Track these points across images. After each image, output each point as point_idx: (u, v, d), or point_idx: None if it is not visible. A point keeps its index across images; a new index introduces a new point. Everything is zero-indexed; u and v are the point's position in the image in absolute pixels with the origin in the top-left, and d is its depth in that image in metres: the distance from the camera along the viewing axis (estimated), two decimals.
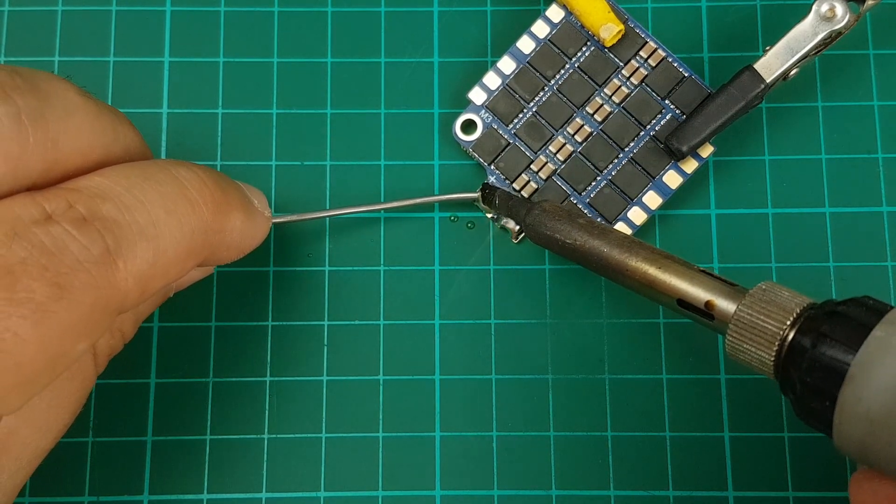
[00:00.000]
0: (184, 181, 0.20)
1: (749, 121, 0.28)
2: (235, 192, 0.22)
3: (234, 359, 0.27)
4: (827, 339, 0.19)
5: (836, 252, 0.28)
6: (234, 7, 0.29)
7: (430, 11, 0.29)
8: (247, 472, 0.27)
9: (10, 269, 0.16)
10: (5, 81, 0.18)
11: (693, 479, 0.27)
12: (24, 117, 0.18)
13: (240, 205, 0.22)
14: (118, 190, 0.19)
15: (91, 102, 0.20)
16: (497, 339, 0.27)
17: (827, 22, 0.26)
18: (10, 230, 0.17)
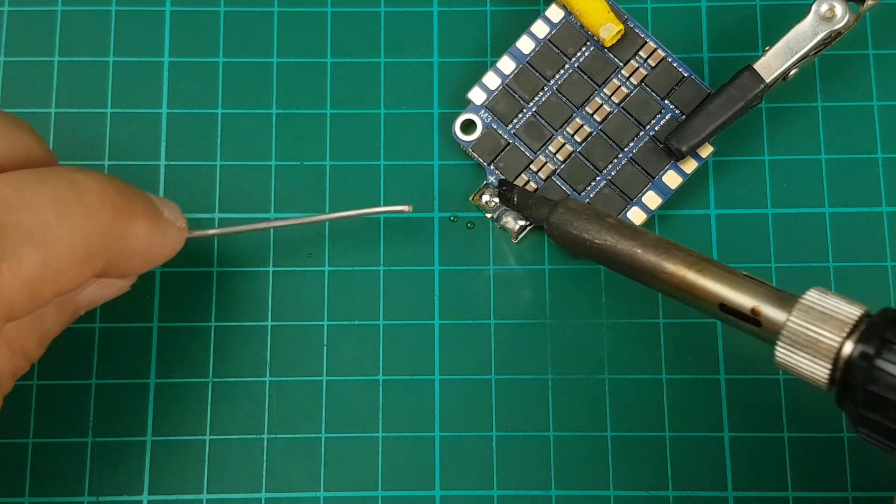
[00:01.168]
0: (81, 186, 0.20)
1: (749, 121, 0.28)
2: (139, 200, 0.21)
3: (233, 359, 0.27)
4: (893, 345, 0.18)
5: (836, 252, 0.28)
6: (233, 7, 0.29)
7: (429, 11, 0.29)
8: (246, 472, 0.27)
9: None
10: None
11: (693, 479, 0.26)
12: None
13: (144, 212, 0.21)
14: (5, 192, 0.18)
15: None
16: (497, 339, 0.27)
17: (826, 22, 0.26)
18: None
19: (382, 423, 0.27)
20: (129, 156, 0.28)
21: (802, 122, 0.29)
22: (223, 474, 0.27)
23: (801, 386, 0.27)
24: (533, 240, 0.28)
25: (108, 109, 0.29)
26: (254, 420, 0.27)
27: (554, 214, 0.25)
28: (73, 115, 0.29)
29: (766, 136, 0.28)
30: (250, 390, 0.27)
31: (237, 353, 0.27)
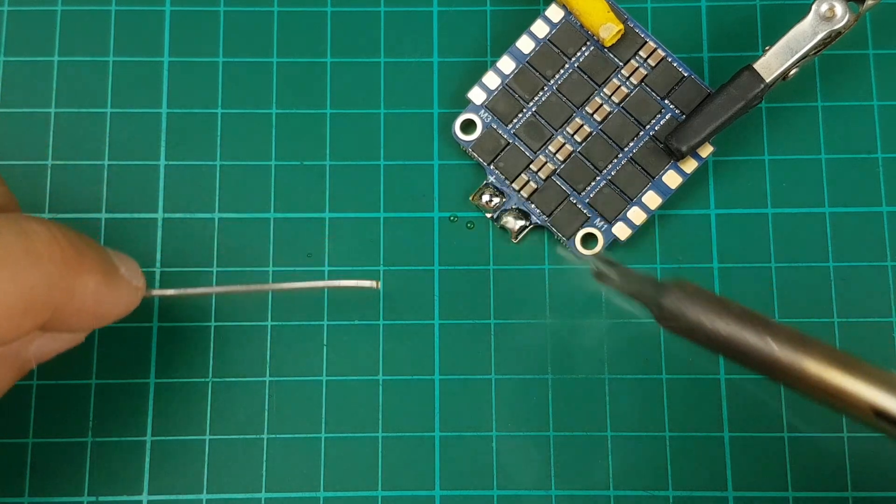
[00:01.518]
0: (31, 234, 0.19)
1: (749, 121, 0.28)
2: (93, 254, 0.20)
3: (233, 359, 0.27)
4: None
5: (836, 252, 0.28)
6: (233, 7, 0.29)
7: (429, 11, 0.29)
8: (246, 472, 0.27)
9: None
10: None
11: (693, 479, 0.26)
12: None
13: (96, 267, 0.20)
14: None
15: None
16: (497, 339, 0.27)
17: (826, 22, 0.26)
18: None
19: (382, 423, 0.27)
20: (129, 156, 0.29)
21: (802, 121, 0.29)
22: (223, 474, 0.27)
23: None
24: (533, 240, 0.28)
25: (107, 109, 0.29)
26: (254, 420, 0.27)
27: (667, 299, 0.21)
28: (73, 115, 0.29)
29: (766, 135, 0.28)
30: (250, 390, 0.27)
31: (237, 353, 0.27)
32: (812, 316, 0.27)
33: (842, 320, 0.27)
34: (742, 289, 0.27)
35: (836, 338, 0.27)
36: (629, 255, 0.28)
